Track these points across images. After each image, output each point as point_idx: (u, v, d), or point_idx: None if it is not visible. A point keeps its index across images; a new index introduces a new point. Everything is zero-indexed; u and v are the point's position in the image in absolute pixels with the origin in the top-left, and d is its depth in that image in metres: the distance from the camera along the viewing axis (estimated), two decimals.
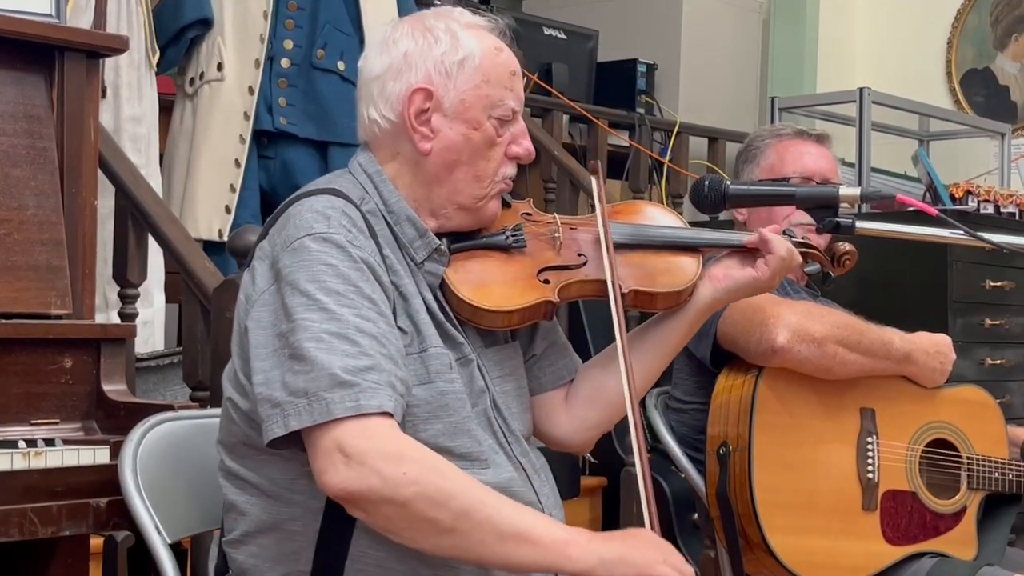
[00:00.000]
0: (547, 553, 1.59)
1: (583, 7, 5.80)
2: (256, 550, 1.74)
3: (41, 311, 2.18)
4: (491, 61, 1.82)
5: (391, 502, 1.56)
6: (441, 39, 1.81)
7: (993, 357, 4.25)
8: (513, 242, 1.87)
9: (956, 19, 6.08)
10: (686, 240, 1.97)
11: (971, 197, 4.59)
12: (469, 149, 1.81)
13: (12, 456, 1.96)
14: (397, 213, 1.81)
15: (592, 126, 4.93)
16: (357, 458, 1.56)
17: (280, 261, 1.68)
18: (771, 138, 2.64)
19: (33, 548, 2.20)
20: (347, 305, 1.64)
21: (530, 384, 1.96)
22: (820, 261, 2.12)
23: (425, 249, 1.81)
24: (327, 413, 1.58)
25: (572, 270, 1.89)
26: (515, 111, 1.84)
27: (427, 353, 1.74)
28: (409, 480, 1.56)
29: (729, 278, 1.96)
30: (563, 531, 1.62)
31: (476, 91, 1.80)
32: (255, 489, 1.74)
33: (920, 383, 2.42)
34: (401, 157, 1.83)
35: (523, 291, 1.84)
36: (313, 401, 1.58)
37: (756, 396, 2.26)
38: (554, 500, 1.85)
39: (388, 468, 1.56)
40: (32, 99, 2.26)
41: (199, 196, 3.66)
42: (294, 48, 3.68)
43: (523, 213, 1.94)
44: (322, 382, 1.58)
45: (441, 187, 1.82)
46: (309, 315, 1.62)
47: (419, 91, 1.79)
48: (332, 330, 1.61)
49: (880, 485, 2.34)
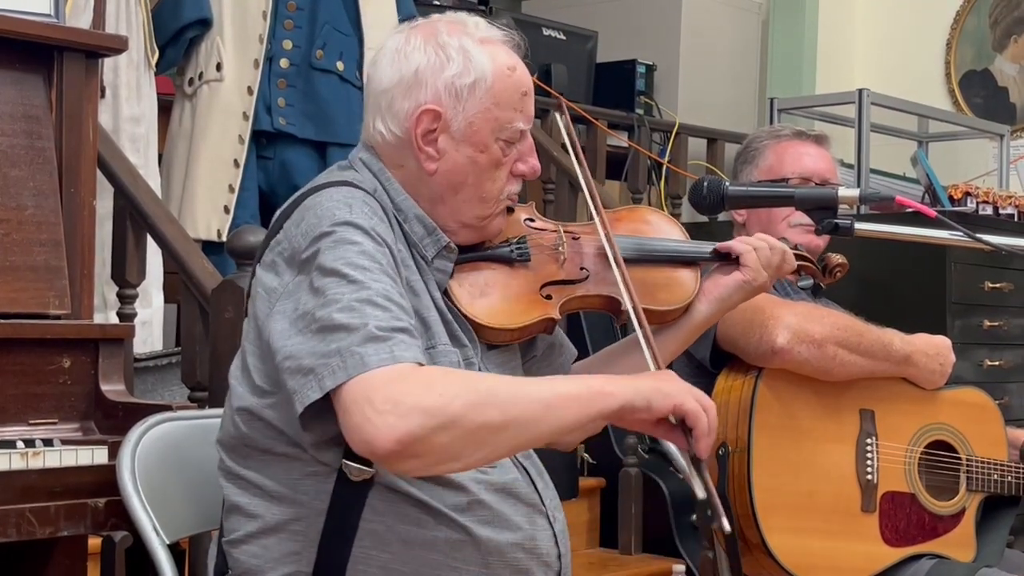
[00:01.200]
0: (591, 401, 1.61)
1: (582, 8, 5.80)
2: (258, 550, 1.73)
3: (39, 311, 2.18)
4: (503, 83, 1.80)
5: (443, 427, 1.52)
6: (454, 59, 1.78)
7: (992, 358, 4.25)
8: (518, 256, 1.87)
9: (955, 20, 6.08)
10: (686, 254, 1.98)
11: (970, 198, 4.59)
12: (475, 172, 1.80)
13: (10, 456, 1.96)
14: (405, 211, 1.80)
15: (591, 127, 4.93)
16: (391, 403, 1.52)
17: (305, 251, 1.67)
18: (770, 139, 2.63)
19: (31, 548, 2.20)
20: (374, 280, 1.62)
21: None
22: (812, 273, 2.15)
23: (434, 246, 1.80)
24: (362, 365, 1.54)
25: (574, 285, 1.89)
26: (523, 131, 1.83)
27: (436, 350, 1.73)
28: (450, 397, 1.53)
29: (720, 286, 1.98)
30: (594, 380, 1.66)
31: (485, 114, 1.79)
32: (258, 489, 1.73)
33: (920, 385, 2.42)
34: (405, 170, 1.82)
35: (525, 308, 1.84)
36: (347, 357, 1.55)
37: (756, 397, 2.26)
38: (556, 502, 1.85)
39: (426, 399, 1.52)
40: (31, 99, 2.26)
41: (198, 196, 3.66)
42: (293, 48, 3.68)
43: (526, 219, 1.93)
44: (355, 338, 1.56)
45: (444, 205, 1.81)
46: (339, 289, 1.60)
47: (428, 112, 1.77)
48: (362, 297, 1.60)
49: (879, 486, 2.34)
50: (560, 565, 1.80)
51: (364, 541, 1.68)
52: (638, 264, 1.93)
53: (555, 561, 1.79)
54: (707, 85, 5.79)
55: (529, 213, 1.95)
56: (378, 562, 1.68)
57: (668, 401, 1.64)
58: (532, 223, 1.93)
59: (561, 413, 1.60)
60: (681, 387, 1.66)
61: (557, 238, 1.91)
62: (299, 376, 1.59)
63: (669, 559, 3.78)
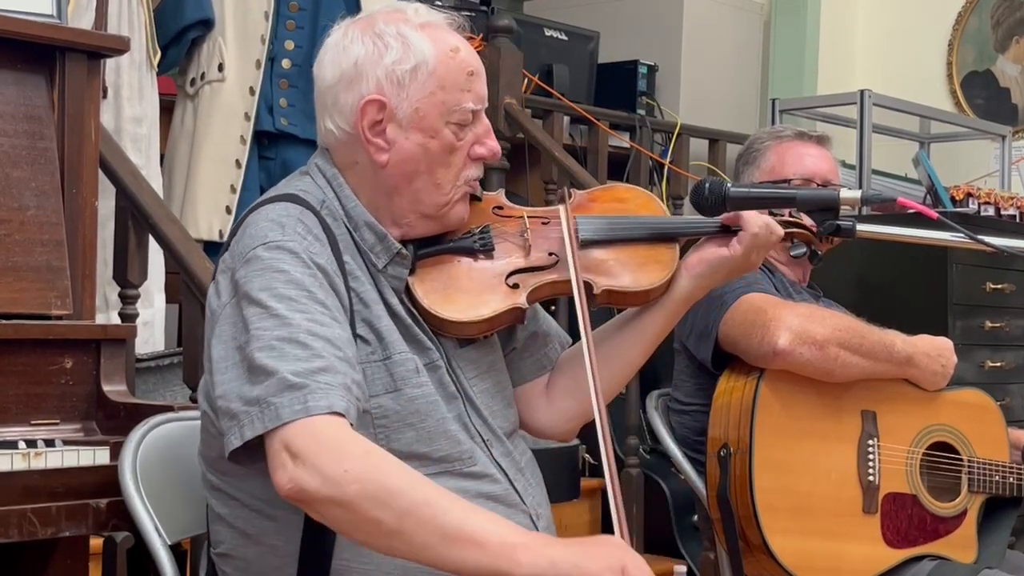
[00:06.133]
0: (495, 557, 1.49)
1: (584, 8, 5.80)
2: (241, 563, 1.74)
3: (41, 312, 2.18)
4: (446, 65, 1.76)
5: (334, 501, 1.52)
6: (392, 46, 1.75)
7: (993, 360, 4.25)
8: (480, 246, 1.83)
9: (957, 21, 6.08)
10: (662, 229, 1.92)
11: (972, 199, 4.59)
12: (427, 158, 1.77)
13: (12, 457, 1.96)
14: (355, 219, 1.77)
15: (593, 127, 4.93)
16: (301, 457, 1.53)
17: (236, 272, 1.67)
18: (771, 140, 2.63)
19: (33, 549, 2.20)
20: (299, 310, 1.61)
21: (511, 375, 1.93)
22: (806, 239, 2.05)
23: (386, 254, 1.77)
24: (276, 418, 1.55)
25: (542, 271, 1.84)
26: (475, 112, 1.79)
27: (391, 360, 1.71)
28: (351, 478, 1.51)
29: (703, 262, 1.92)
30: (514, 534, 1.52)
31: (431, 99, 1.75)
32: (236, 503, 1.73)
33: (921, 386, 2.42)
34: (359, 166, 1.79)
35: (491, 299, 1.80)
36: (264, 408, 1.56)
37: (757, 398, 2.25)
38: (540, 498, 1.83)
39: (330, 466, 1.52)
40: (33, 99, 2.26)
41: (199, 197, 3.66)
42: (295, 49, 3.68)
43: (494, 208, 1.89)
44: (272, 388, 1.56)
45: (401, 197, 1.78)
46: (262, 324, 1.60)
47: (371, 102, 1.74)
48: (283, 335, 1.59)
49: (881, 488, 2.34)
50: None
51: (343, 553, 1.67)
52: (613, 244, 1.88)
53: None
54: (709, 86, 5.79)
55: (498, 201, 1.90)
56: (360, 572, 1.67)
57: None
58: (500, 211, 1.89)
59: (456, 552, 1.49)
60: (609, 562, 1.49)
61: (522, 224, 1.87)
62: (227, 419, 1.61)
63: (670, 559, 3.79)
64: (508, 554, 1.49)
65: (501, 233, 1.86)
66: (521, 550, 1.49)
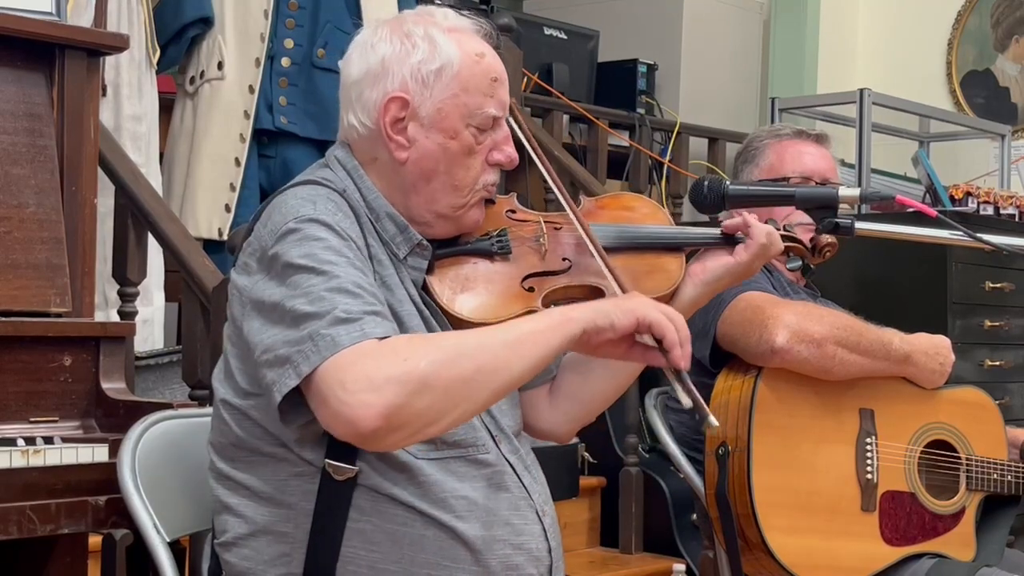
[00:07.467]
0: (555, 330, 1.62)
1: (584, 7, 5.80)
2: (249, 553, 1.74)
3: (41, 309, 2.18)
4: (470, 69, 1.79)
5: (418, 392, 1.52)
6: (419, 46, 1.78)
7: (992, 358, 4.26)
8: (498, 249, 1.85)
9: (956, 20, 6.08)
10: (669, 240, 1.96)
11: (971, 198, 4.59)
12: (446, 159, 1.79)
13: (11, 454, 1.96)
14: (377, 210, 1.80)
15: (592, 126, 4.94)
16: (364, 381, 1.52)
17: (271, 249, 1.67)
18: (770, 138, 2.64)
19: (32, 546, 2.20)
20: (343, 271, 1.63)
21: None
22: (801, 253, 2.09)
23: (406, 244, 1.79)
24: (335, 345, 1.54)
25: (556, 276, 1.87)
26: (496, 118, 1.82)
27: None
28: (417, 360, 1.53)
29: (707, 270, 1.96)
30: (555, 310, 1.67)
31: (454, 100, 1.78)
32: (246, 491, 1.73)
33: (919, 384, 2.42)
34: (379, 163, 1.81)
35: (507, 301, 1.82)
36: (318, 340, 1.55)
37: (755, 396, 2.26)
38: (545, 497, 1.84)
39: (395, 368, 1.52)
40: (32, 97, 2.26)
41: (199, 195, 3.66)
42: (295, 47, 3.68)
43: (507, 211, 1.92)
44: (324, 323, 1.56)
45: (419, 195, 1.80)
46: (310, 281, 1.61)
47: (395, 99, 1.77)
48: (332, 287, 1.60)
49: (879, 486, 2.34)
50: (551, 559, 1.79)
51: (352, 541, 1.67)
52: (621, 252, 1.91)
53: (545, 555, 1.78)
54: (708, 85, 5.80)
55: (511, 205, 1.93)
56: (367, 562, 1.68)
57: (631, 316, 1.64)
58: (513, 215, 1.91)
59: (529, 350, 1.60)
60: (644, 301, 1.67)
61: (538, 229, 1.90)
62: (276, 367, 1.59)
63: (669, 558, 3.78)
64: (562, 323, 1.63)
65: (517, 237, 1.88)
66: (571, 312, 1.64)
